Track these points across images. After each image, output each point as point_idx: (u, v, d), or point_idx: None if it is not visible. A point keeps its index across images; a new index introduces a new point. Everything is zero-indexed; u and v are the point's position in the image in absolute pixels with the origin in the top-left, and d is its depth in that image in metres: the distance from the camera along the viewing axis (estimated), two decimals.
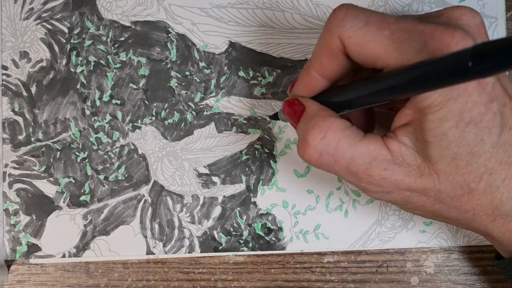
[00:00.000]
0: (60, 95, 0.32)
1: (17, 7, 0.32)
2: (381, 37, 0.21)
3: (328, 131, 0.23)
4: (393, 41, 0.21)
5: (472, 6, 0.32)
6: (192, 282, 0.32)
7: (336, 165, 0.23)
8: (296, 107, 0.25)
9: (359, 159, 0.23)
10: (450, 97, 0.21)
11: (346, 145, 0.23)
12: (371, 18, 0.22)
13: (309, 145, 0.23)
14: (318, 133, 0.23)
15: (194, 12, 0.32)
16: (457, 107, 0.21)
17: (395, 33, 0.21)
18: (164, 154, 0.32)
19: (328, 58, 0.23)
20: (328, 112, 0.24)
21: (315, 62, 0.24)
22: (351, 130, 0.23)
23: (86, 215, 0.32)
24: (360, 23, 0.22)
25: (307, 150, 0.23)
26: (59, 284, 0.32)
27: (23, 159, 0.32)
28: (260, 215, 0.32)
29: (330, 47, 0.23)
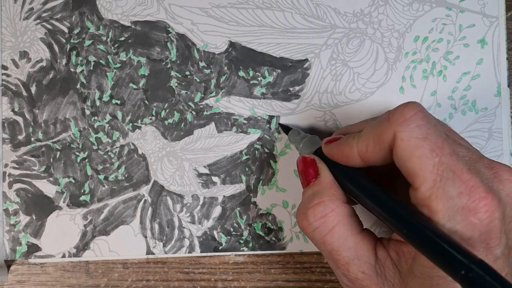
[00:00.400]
0: (60, 95, 0.32)
1: (17, 7, 0.32)
2: (428, 161, 0.21)
3: (330, 214, 0.24)
4: (436, 172, 0.21)
5: (472, 6, 0.32)
6: (192, 282, 0.32)
7: (321, 245, 0.24)
8: (311, 171, 0.26)
9: (344, 252, 0.23)
10: None
11: (340, 233, 0.24)
12: (431, 136, 0.21)
13: (307, 219, 0.24)
14: (321, 211, 0.24)
15: (194, 12, 0.32)
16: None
17: (442, 165, 0.21)
18: (164, 154, 0.32)
19: (374, 146, 0.23)
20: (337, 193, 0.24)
21: (361, 143, 0.24)
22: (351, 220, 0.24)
23: (86, 215, 0.32)
24: (419, 135, 0.21)
25: (303, 222, 0.24)
26: (59, 284, 0.32)
27: (23, 159, 0.32)
28: (260, 215, 0.32)
29: (382, 137, 0.23)
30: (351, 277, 0.24)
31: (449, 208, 0.20)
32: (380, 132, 0.23)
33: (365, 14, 0.32)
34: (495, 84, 0.32)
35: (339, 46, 0.32)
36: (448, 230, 0.20)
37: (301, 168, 0.26)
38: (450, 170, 0.21)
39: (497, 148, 0.32)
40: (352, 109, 0.32)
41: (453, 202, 0.20)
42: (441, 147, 0.21)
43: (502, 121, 0.32)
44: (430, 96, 0.32)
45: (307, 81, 0.32)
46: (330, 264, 0.25)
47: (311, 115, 0.32)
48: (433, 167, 0.21)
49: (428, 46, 0.32)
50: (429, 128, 0.22)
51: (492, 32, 0.32)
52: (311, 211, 0.24)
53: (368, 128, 0.24)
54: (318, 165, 0.26)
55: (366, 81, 0.32)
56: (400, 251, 0.23)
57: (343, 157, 0.25)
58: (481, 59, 0.32)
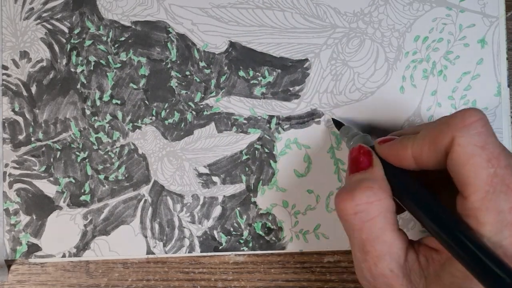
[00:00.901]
0: (60, 95, 0.32)
1: (17, 7, 0.32)
2: (484, 171, 0.21)
3: (375, 202, 0.23)
4: (490, 184, 0.20)
5: (472, 6, 0.32)
6: (192, 282, 0.32)
7: (357, 232, 0.23)
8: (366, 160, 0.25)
9: (379, 244, 0.23)
10: None
11: (379, 224, 0.23)
12: (490, 145, 0.21)
13: (354, 199, 0.23)
14: (368, 196, 0.23)
15: (194, 12, 0.32)
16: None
17: (497, 177, 0.20)
18: (164, 154, 0.32)
19: (429, 149, 0.23)
20: (386, 187, 0.24)
21: (416, 144, 0.23)
22: (392, 216, 0.23)
23: (86, 215, 0.32)
24: (478, 142, 0.21)
25: (347, 201, 0.23)
26: (59, 284, 0.32)
27: (23, 159, 0.32)
28: (260, 215, 0.32)
29: (439, 141, 0.22)
30: (377, 272, 0.23)
31: (498, 221, 0.20)
32: (437, 135, 0.22)
33: (365, 14, 0.32)
34: (495, 84, 0.32)
35: (339, 46, 0.32)
36: (493, 244, 0.20)
37: (354, 154, 0.25)
38: (504, 184, 0.20)
39: None
40: (352, 109, 0.32)
41: (503, 216, 0.20)
42: (498, 159, 0.21)
43: (502, 121, 0.32)
44: (430, 96, 0.32)
45: (307, 81, 0.32)
46: (357, 256, 0.24)
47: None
48: (487, 178, 0.20)
49: (428, 46, 0.32)
50: (488, 137, 0.21)
51: (492, 32, 0.32)
52: (359, 192, 0.23)
53: (425, 130, 0.23)
54: (373, 158, 0.25)
55: (366, 81, 0.32)
56: (429, 257, 0.23)
57: (397, 158, 0.24)
58: (481, 59, 0.32)
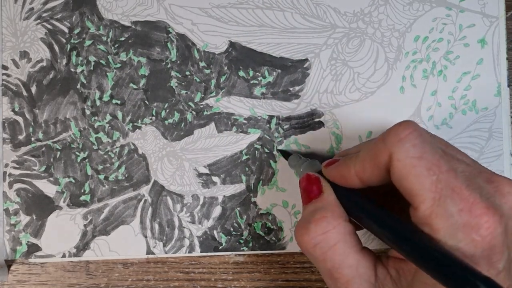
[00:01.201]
0: (60, 95, 0.32)
1: (17, 7, 0.32)
2: (426, 180, 0.21)
3: (332, 230, 0.23)
4: (435, 191, 0.21)
5: (472, 6, 0.32)
6: (192, 282, 0.32)
7: (322, 263, 0.24)
8: (315, 188, 0.25)
9: (345, 270, 0.23)
10: None
11: (341, 250, 0.23)
12: (427, 154, 0.21)
13: (309, 233, 0.24)
14: (323, 227, 0.23)
15: (194, 12, 0.32)
16: None
17: (440, 183, 0.21)
18: (164, 154, 0.32)
19: (371, 167, 0.23)
20: (340, 211, 0.24)
21: (358, 164, 0.24)
22: (352, 238, 0.24)
23: (86, 215, 0.32)
24: (415, 154, 0.21)
25: (304, 236, 0.24)
26: (59, 284, 0.32)
27: (23, 159, 0.32)
28: (260, 215, 0.32)
29: (378, 158, 0.23)
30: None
31: (450, 225, 0.20)
32: (376, 153, 0.23)
33: (365, 14, 0.32)
34: (495, 84, 0.32)
35: (339, 46, 0.32)
36: (450, 247, 0.20)
37: (304, 185, 0.26)
38: (449, 188, 0.21)
39: (497, 148, 0.32)
40: (352, 109, 0.32)
41: (454, 220, 0.20)
42: (438, 165, 0.21)
43: (502, 121, 0.32)
44: (430, 96, 0.32)
45: (307, 81, 0.32)
46: (328, 284, 0.24)
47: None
48: (431, 185, 0.21)
49: (428, 46, 0.32)
50: (424, 146, 0.22)
51: (492, 32, 0.32)
52: (313, 225, 0.24)
53: (364, 149, 0.24)
54: (322, 183, 0.26)
55: (366, 81, 0.32)
56: (399, 269, 0.23)
57: (342, 179, 0.25)
58: (481, 59, 0.32)
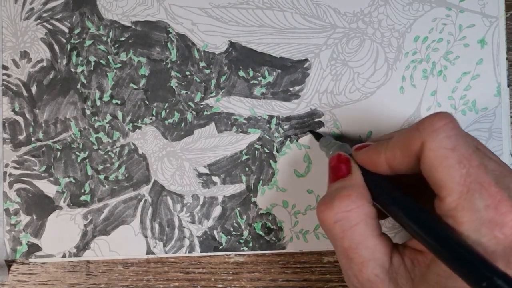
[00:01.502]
0: (61, 95, 0.32)
1: (18, 7, 0.32)
2: (456, 172, 0.21)
3: (355, 209, 0.23)
4: (463, 184, 0.21)
5: (472, 6, 0.32)
6: (192, 282, 0.32)
7: (340, 241, 0.24)
8: (344, 167, 0.25)
9: (362, 251, 0.23)
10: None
11: (361, 231, 0.23)
12: (460, 147, 0.21)
13: (332, 209, 0.23)
14: (347, 205, 0.23)
15: (194, 12, 0.32)
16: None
17: (470, 177, 0.21)
18: (164, 154, 0.32)
19: (402, 154, 0.23)
20: (365, 193, 0.24)
21: (389, 150, 0.24)
22: (373, 222, 0.24)
23: (87, 215, 0.32)
24: (448, 145, 0.21)
25: (327, 212, 0.24)
26: (59, 284, 0.32)
27: (23, 159, 0.32)
28: (260, 215, 0.32)
29: (410, 146, 0.23)
30: (363, 278, 0.23)
31: (475, 220, 0.20)
32: (408, 141, 0.23)
33: (365, 14, 0.32)
34: (495, 84, 0.32)
35: (339, 46, 0.32)
36: (472, 242, 0.20)
37: (334, 163, 0.26)
38: (478, 183, 0.21)
39: (497, 148, 0.32)
40: (352, 109, 0.32)
41: (480, 215, 0.20)
42: (469, 159, 0.21)
43: (502, 121, 0.32)
44: (430, 96, 0.32)
45: (307, 81, 0.32)
46: (342, 263, 0.24)
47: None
48: (460, 178, 0.21)
49: (428, 46, 0.32)
50: (458, 139, 0.22)
51: (492, 32, 0.32)
52: (338, 201, 0.23)
53: (397, 136, 0.24)
54: (352, 165, 0.25)
55: (366, 81, 0.32)
56: (415, 259, 0.23)
57: (372, 164, 0.25)
58: (481, 59, 0.32)
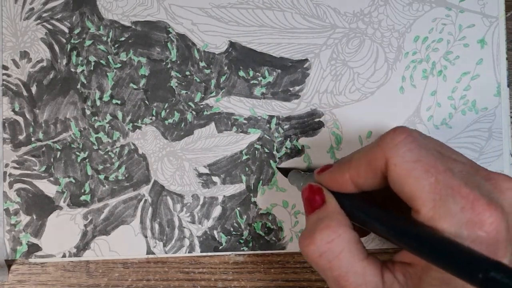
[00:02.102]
0: (61, 95, 0.32)
1: (18, 7, 0.32)
2: (425, 182, 0.21)
3: (337, 239, 0.23)
4: (434, 192, 0.21)
5: (472, 6, 0.32)
6: (192, 282, 0.32)
7: (328, 271, 0.24)
8: (318, 198, 0.25)
9: (352, 277, 0.23)
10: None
11: (346, 258, 0.23)
12: (423, 157, 0.22)
13: (314, 242, 0.23)
14: (328, 236, 0.23)
15: (194, 12, 0.32)
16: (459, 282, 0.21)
17: (439, 184, 0.21)
18: (164, 154, 0.32)
19: (366, 172, 0.23)
20: (343, 219, 0.24)
21: (353, 169, 0.24)
22: (357, 246, 0.24)
23: (87, 215, 0.32)
24: (411, 158, 0.22)
25: (310, 246, 0.24)
26: (59, 284, 0.32)
27: (23, 159, 0.32)
28: (260, 215, 0.32)
29: (373, 163, 0.23)
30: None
31: (453, 224, 0.20)
32: (371, 158, 0.23)
33: (365, 14, 0.32)
34: (495, 84, 0.32)
35: (339, 46, 0.32)
36: None
37: (306, 195, 0.26)
38: (448, 187, 0.21)
39: (497, 148, 0.32)
40: (352, 109, 0.32)
41: (457, 218, 0.20)
42: (435, 166, 0.21)
43: (502, 121, 0.32)
44: (430, 96, 0.32)
45: (307, 81, 0.32)
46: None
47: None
48: (430, 187, 0.21)
49: (428, 46, 0.32)
50: (420, 150, 0.22)
51: (492, 32, 0.32)
52: (318, 234, 0.23)
53: (358, 154, 0.24)
54: (325, 193, 0.26)
55: (366, 81, 0.32)
56: (406, 273, 0.23)
57: (336, 184, 0.25)
58: (481, 59, 0.32)
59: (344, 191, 0.25)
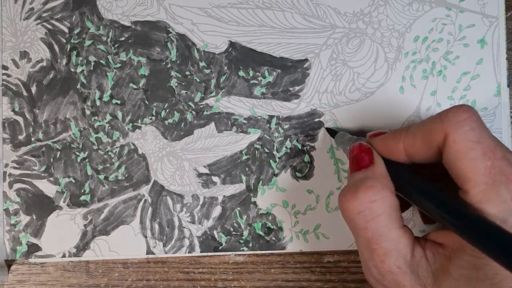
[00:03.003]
0: (60, 95, 0.32)
1: (17, 7, 0.32)
2: (481, 164, 0.21)
3: (378, 201, 0.23)
4: (488, 176, 0.21)
5: (472, 6, 0.32)
6: (192, 282, 0.32)
7: (362, 231, 0.23)
8: (367, 157, 0.25)
9: (384, 242, 0.23)
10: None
11: (383, 222, 0.23)
12: (484, 139, 0.21)
13: (357, 199, 0.23)
14: (371, 196, 0.23)
15: (194, 12, 0.32)
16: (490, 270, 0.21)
17: (495, 169, 0.21)
18: (164, 154, 0.32)
19: (422, 143, 0.23)
20: (389, 184, 0.24)
21: (408, 138, 0.23)
22: (396, 214, 0.23)
23: (86, 215, 0.32)
24: (472, 137, 0.21)
25: (351, 202, 0.23)
26: (59, 284, 0.32)
27: (23, 159, 0.32)
28: (260, 215, 0.32)
29: (432, 136, 0.22)
30: (384, 269, 0.23)
31: (501, 211, 0.20)
32: (430, 131, 0.22)
33: (365, 14, 0.32)
34: (495, 84, 0.32)
35: (339, 46, 0.32)
36: None
37: (355, 153, 0.25)
38: (503, 174, 0.21)
39: None
40: (352, 109, 0.32)
41: (506, 205, 0.20)
42: (494, 151, 0.21)
43: (502, 121, 0.32)
44: (430, 96, 0.32)
45: (307, 81, 0.32)
46: (363, 254, 0.24)
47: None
48: (486, 170, 0.21)
49: (428, 46, 0.32)
50: (482, 131, 0.22)
51: (492, 32, 0.32)
52: (362, 192, 0.23)
53: (417, 125, 0.24)
54: (374, 155, 0.25)
55: (366, 81, 0.32)
56: (436, 252, 0.23)
57: (388, 151, 0.24)
58: (481, 59, 0.32)
59: (395, 159, 0.24)
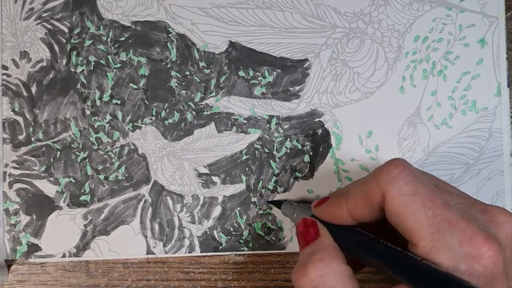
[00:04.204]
0: (60, 95, 0.32)
1: (17, 7, 0.32)
2: (422, 216, 0.21)
3: (330, 272, 0.23)
4: (432, 226, 0.21)
5: (472, 6, 0.32)
6: (192, 282, 0.32)
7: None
8: (312, 231, 0.25)
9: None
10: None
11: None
12: (420, 190, 0.22)
13: (307, 275, 0.23)
14: (321, 269, 0.23)
15: (194, 12, 0.32)
16: None
17: (436, 217, 0.21)
18: (164, 154, 0.32)
19: (363, 205, 0.23)
20: (337, 253, 0.24)
21: (350, 202, 0.24)
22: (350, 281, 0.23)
23: (86, 215, 0.32)
24: (408, 191, 0.22)
25: (303, 278, 0.23)
26: (59, 284, 0.32)
27: (23, 159, 0.32)
28: (260, 215, 0.32)
29: (371, 196, 0.23)
30: None
31: (451, 258, 0.20)
32: (368, 191, 0.23)
33: (365, 14, 0.32)
34: (495, 84, 0.32)
35: (339, 46, 0.32)
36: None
37: (301, 229, 0.26)
38: (445, 221, 0.21)
39: (497, 148, 0.32)
40: (352, 109, 0.32)
41: (455, 252, 0.20)
42: (432, 200, 0.21)
43: (502, 121, 0.32)
44: (430, 96, 0.32)
45: (307, 81, 0.32)
46: None
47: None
48: (428, 221, 0.21)
49: (428, 46, 0.32)
50: (416, 183, 0.22)
51: (492, 32, 0.32)
52: (311, 267, 0.23)
53: (355, 187, 0.24)
54: (319, 227, 0.26)
55: (366, 81, 0.32)
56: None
57: (333, 216, 0.25)
58: (481, 59, 0.32)
59: (342, 223, 0.25)
